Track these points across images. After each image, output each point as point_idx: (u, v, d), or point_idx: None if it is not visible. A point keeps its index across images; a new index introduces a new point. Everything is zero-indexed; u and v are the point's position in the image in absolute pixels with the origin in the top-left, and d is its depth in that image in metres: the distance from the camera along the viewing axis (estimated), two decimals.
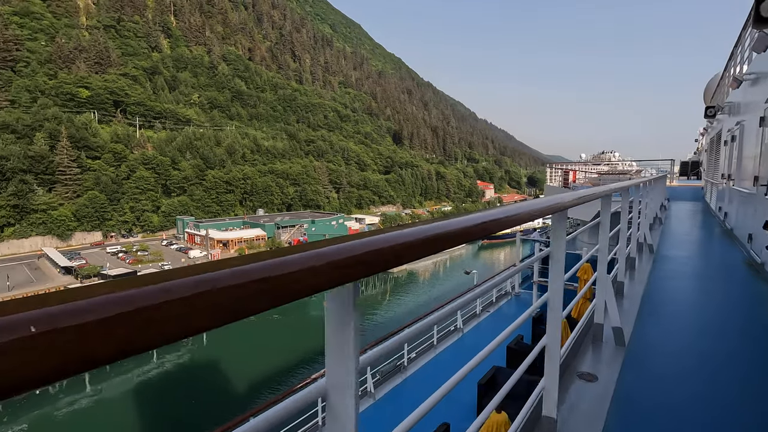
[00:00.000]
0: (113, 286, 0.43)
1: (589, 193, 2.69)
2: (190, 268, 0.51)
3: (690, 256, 7.68)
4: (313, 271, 0.61)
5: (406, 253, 0.85)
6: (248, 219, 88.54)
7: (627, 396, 2.99)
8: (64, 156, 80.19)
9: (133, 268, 58.16)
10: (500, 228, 1.28)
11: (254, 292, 0.54)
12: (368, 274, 0.73)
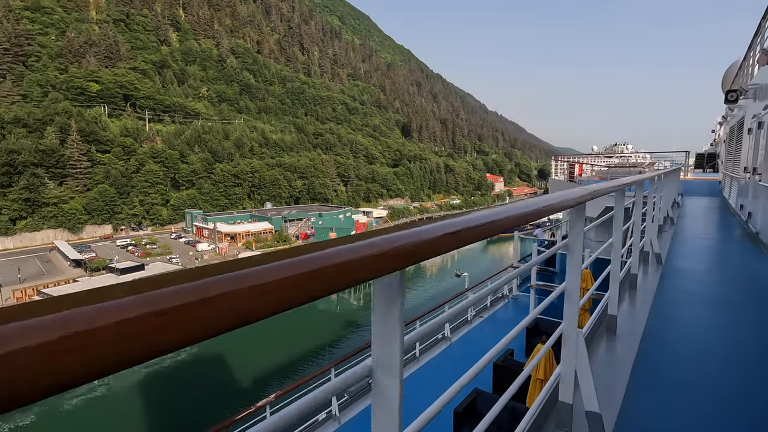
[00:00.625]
0: (190, 276, 0.45)
1: (605, 187, 2.69)
2: (252, 259, 0.54)
3: (706, 270, 6.26)
4: (369, 260, 0.68)
5: (445, 244, 0.94)
6: (256, 212, 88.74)
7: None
8: (75, 150, 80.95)
9: (141, 261, 58.62)
10: (533, 218, 1.37)
11: (313, 279, 0.58)
12: (414, 262, 0.82)
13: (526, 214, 1.34)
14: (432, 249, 0.87)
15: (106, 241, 75.31)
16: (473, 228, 1.01)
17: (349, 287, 0.65)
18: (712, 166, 33.03)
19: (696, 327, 4.16)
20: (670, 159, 46.96)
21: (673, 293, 4.97)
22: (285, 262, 0.56)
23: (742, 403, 2.94)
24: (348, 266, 0.65)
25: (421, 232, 0.85)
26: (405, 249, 0.78)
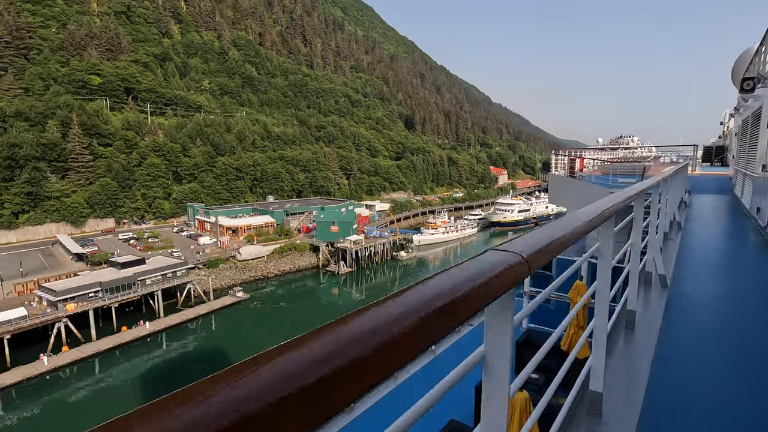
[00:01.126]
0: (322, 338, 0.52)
1: (630, 194, 2.93)
2: (389, 301, 0.60)
3: (724, 294, 5.18)
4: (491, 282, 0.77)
5: (544, 255, 1.18)
6: (258, 206, 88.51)
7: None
8: (76, 143, 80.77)
9: (142, 254, 58.61)
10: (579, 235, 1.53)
11: (443, 315, 0.63)
12: (528, 274, 0.99)
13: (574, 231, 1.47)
14: (501, 284, 0.96)
15: (108, 234, 75.40)
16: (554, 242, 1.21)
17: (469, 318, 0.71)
18: (721, 160, 32.15)
19: (713, 386, 3.33)
20: (676, 152, 45.38)
21: (681, 334, 4.04)
22: (415, 304, 0.59)
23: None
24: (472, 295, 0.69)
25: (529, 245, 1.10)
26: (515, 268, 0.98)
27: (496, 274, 0.77)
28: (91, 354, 39.59)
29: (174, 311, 49.43)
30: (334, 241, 70.74)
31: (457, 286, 0.67)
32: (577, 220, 1.58)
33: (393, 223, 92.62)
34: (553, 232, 1.22)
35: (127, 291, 45.23)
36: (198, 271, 58.20)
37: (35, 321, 38.63)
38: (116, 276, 45.53)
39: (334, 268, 69.04)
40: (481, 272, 0.79)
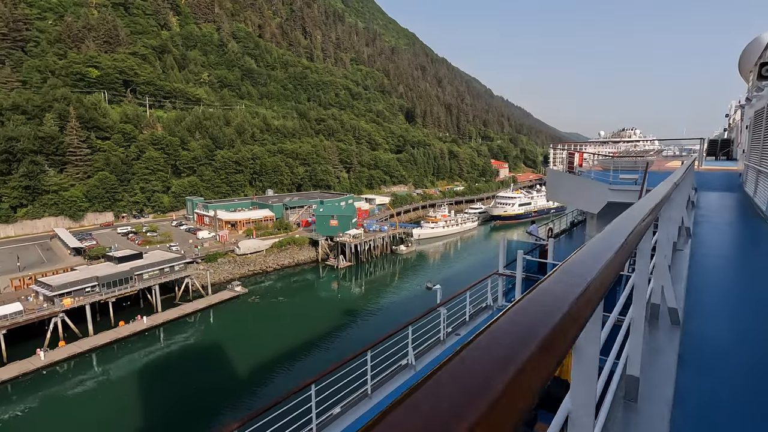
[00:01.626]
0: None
1: (655, 203, 2.71)
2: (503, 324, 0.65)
3: (756, 331, 3.91)
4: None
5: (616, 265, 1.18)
6: (257, 199, 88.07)
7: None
8: (74, 137, 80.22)
9: (140, 249, 58.35)
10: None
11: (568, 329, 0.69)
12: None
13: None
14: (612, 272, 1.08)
15: (107, 228, 75.12)
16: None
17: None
18: (726, 154, 31.40)
19: None
20: (678, 146, 44.08)
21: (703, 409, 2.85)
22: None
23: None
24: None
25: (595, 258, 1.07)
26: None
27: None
28: (87, 349, 39.42)
29: (172, 306, 49.22)
30: (334, 235, 70.38)
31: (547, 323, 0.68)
32: (605, 252, 1.27)
33: (393, 216, 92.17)
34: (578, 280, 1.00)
35: (124, 286, 44.98)
36: (196, 266, 57.92)
37: (31, 316, 38.43)
38: (113, 271, 45.25)
39: (334, 262, 68.75)
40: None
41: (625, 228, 1.70)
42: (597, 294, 0.95)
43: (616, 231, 1.65)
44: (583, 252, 1.24)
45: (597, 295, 0.95)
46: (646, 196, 2.74)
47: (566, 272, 1.01)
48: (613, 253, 1.25)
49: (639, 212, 2.12)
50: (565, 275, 0.99)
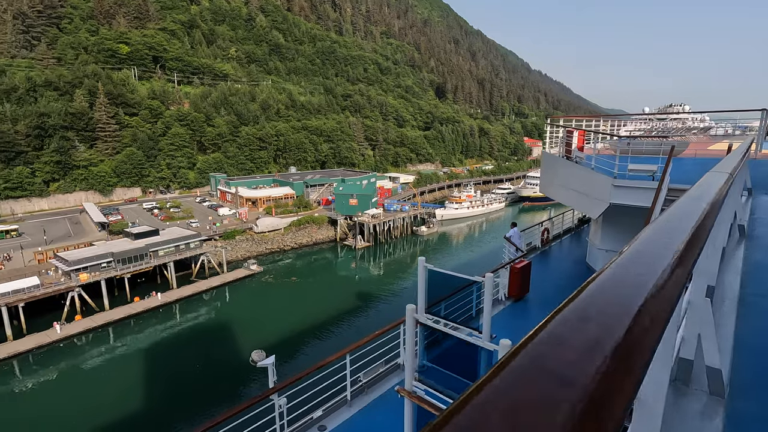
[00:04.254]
0: None
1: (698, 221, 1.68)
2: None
3: None
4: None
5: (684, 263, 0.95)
6: (279, 177, 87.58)
7: None
8: (103, 113, 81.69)
9: (162, 224, 59.07)
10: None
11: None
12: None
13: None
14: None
15: (134, 203, 76.80)
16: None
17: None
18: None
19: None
20: (732, 122, 36.99)
21: None
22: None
23: None
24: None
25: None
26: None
27: None
28: (102, 323, 40.20)
29: (187, 283, 49.61)
30: (353, 214, 69.00)
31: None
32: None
33: (415, 196, 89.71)
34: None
35: (139, 262, 45.48)
36: (214, 243, 58.18)
37: (48, 290, 39.40)
38: (129, 247, 45.78)
39: (352, 242, 67.60)
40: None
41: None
42: None
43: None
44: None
45: None
46: (669, 211, 1.49)
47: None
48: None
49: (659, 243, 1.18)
50: None
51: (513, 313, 10.73)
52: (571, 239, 17.30)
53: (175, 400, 32.29)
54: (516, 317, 10.45)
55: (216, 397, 31.62)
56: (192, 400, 31.83)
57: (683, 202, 1.66)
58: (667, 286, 0.80)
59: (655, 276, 0.80)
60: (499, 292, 11.11)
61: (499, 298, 11.10)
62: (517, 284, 11.05)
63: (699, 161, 12.47)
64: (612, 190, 9.80)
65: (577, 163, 11.60)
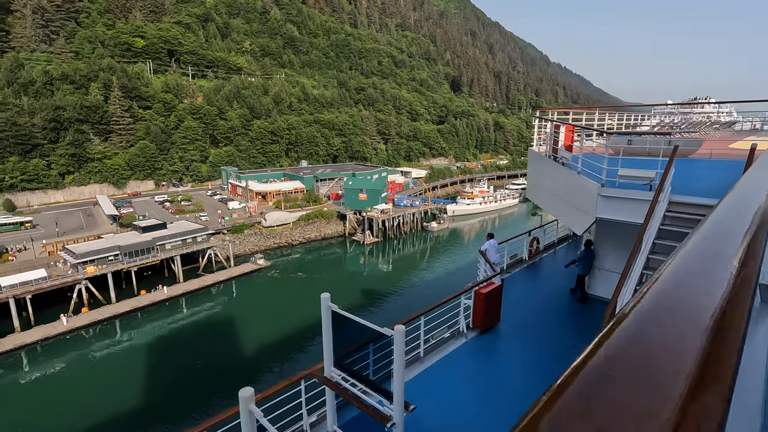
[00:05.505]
0: None
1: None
2: None
3: None
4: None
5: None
6: (290, 171, 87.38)
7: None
8: (117, 106, 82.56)
9: (172, 217, 59.38)
10: None
11: None
12: None
13: None
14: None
15: (146, 196, 77.56)
16: None
17: None
18: None
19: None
20: (760, 117, 33.31)
21: None
22: None
23: None
24: None
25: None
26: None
27: None
28: (109, 316, 40.50)
29: (194, 276, 49.73)
30: (362, 209, 68.32)
31: None
32: None
33: (425, 192, 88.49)
34: None
35: (146, 255, 45.69)
36: (223, 236, 58.24)
37: (55, 282, 39.84)
38: (136, 240, 46.02)
39: (360, 237, 66.97)
40: None
41: None
42: None
43: None
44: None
45: None
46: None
47: None
48: None
49: None
50: None
51: (476, 348, 8.75)
52: (567, 249, 15.18)
53: (179, 393, 32.26)
54: (476, 355, 8.54)
55: (219, 391, 31.47)
56: (195, 394, 31.74)
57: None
58: None
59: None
60: (460, 323, 9.06)
61: (460, 329, 9.05)
62: (482, 313, 9.07)
63: (715, 164, 10.66)
64: (599, 200, 7.97)
65: (564, 165, 9.67)
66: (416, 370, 7.78)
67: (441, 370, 7.81)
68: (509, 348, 8.84)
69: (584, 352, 0.47)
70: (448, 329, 9.02)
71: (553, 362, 7.85)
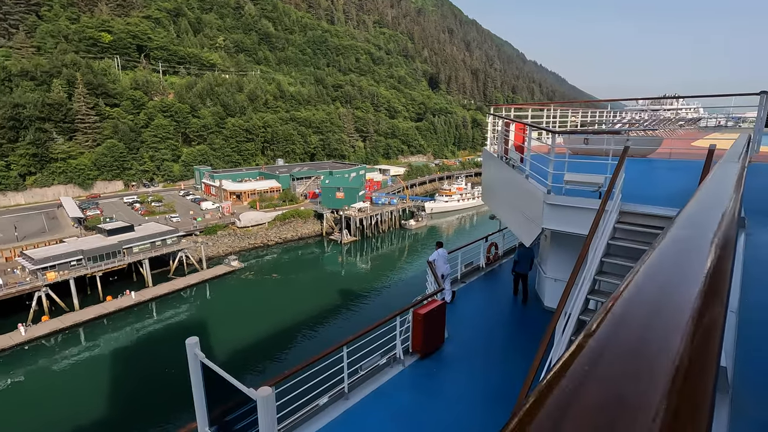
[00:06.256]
0: None
1: None
2: None
3: None
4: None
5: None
6: (265, 169, 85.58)
7: None
8: (82, 103, 79.11)
9: (142, 219, 57.17)
10: None
11: None
12: None
13: None
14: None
15: (114, 198, 74.65)
16: None
17: None
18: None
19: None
20: (725, 113, 32.82)
21: None
22: None
23: None
24: None
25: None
26: None
27: None
28: (71, 324, 38.55)
29: (164, 280, 47.93)
30: (339, 208, 67.34)
31: None
32: None
33: (403, 189, 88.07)
34: None
35: (112, 260, 43.69)
36: (195, 238, 56.42)
37: (11, 290, 37.62)
38: (101, 244, 43.95)
39: (338, 236, 66.02)
40: None
41: None
42: None
43: None
44: None
45: None
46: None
47: None
48: None
49: None
50: None
51: (414, 377, 7.75)
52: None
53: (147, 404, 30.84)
54: (414, 386, 7.53)
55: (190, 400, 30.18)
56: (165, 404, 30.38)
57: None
58: None
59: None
60: (396, 348, 8.06)
61: (397, 355, 8.05)
62: (422, 336, 8.06)
63: (675, 165, 9.90)
64: (545, 209, 7.01)
65: (514, 167, 8.72)
66: (339, 409, 6.83)
67: (369, 407, 6.87)
68: (453, 373, 7.87)
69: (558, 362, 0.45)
70: (383, 355, 8.03)
71: (500, 385, 7.13)
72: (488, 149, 11.54)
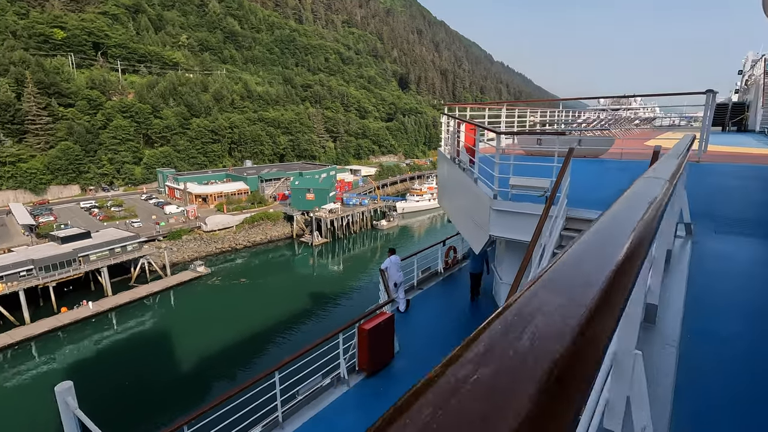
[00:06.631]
0: None
1: None
2: None
3: None
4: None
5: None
6: (232, 171, 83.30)
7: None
8: (32, 104, 74.59)
9: (97, 226, 54.29)
10: None
11: None
12: None
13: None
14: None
15: (71, 203, 70.77)
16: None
17: None
18: (739, 124, 22.89)
19: None
20: (678, 112, 32.97)
21: None
22: None
23: None
24: None
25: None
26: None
27: None
28: (21, 339, 36.04)
29: (126, 289, 45.64)
30: (310, 209, 66.22)
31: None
32: None
33: (375, 189, 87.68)
34: None
35: (66, 269, 41.18)
36: (158, 243, 54.09)
37: None
38: (54, 252, 41.35)
39: (308, 238, 64.90)
40: None
41: None
42: None
43: None
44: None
45: None
46: None
47: None
48: None
49: None
50: None
51: (360, 397, 7.22)
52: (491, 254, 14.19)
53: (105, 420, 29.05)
54: (359, 407, 7.02)
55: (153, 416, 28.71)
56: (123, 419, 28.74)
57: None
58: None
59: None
60: (341, 366, 7.51)
61: (341, 375, 7.52)
62: (368, 353, 7.52)
63: (624, 166, 9.60)
64: (492, 215, 6.57)
65: (464, 170, 8.31)
66: None
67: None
68: (403, 389, 7.52)
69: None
70: (326, 376, 7.49)
71: None
72: (442, 150, 11.00)
